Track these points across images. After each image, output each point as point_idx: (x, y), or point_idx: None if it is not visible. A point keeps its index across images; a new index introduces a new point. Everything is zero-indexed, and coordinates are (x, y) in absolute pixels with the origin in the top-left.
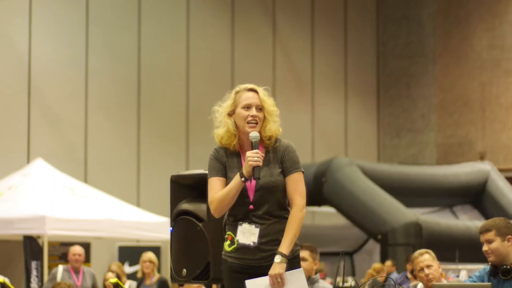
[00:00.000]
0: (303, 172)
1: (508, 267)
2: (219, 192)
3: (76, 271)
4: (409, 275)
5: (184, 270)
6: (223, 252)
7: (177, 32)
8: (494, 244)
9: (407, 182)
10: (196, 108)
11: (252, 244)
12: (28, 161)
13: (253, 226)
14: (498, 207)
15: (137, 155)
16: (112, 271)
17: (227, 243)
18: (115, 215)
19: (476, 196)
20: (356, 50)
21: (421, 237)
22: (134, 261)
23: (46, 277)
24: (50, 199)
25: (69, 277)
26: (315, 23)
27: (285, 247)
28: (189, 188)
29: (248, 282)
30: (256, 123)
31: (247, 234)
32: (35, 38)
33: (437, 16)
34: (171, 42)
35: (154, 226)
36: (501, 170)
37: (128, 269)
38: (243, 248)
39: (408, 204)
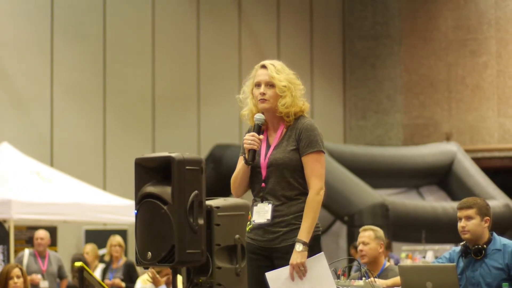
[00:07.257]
0: (322, 152)
1: (480, 246)
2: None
3: (42, 256)
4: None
5: (149, 253)
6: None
7: (142, 15)
8: (473, 222)
9: (373, 164)
10: (162, 91)
11: (266, 221)
12: None
13: (266, 203)
14: (464, 188)
15: (103, 138)
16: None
17: (248, 223)
18: (81, 199)
19: (443, 177)
20: (322, 31)
21: (388, 218)
22: (101, 244)
23: (12, 261)
24: (16, 183)
25: (35, 261)
26: (281, 4)
27: (304, 234)
28: (153, 171)
29: (268, 274)
30: (265, 100)
31: (262, 212)
32: None
33: None
34: (136, 24)
35: (120, 209)
36: (467, 151)
37: None
38: (256, 229)
39: (375, 185)
